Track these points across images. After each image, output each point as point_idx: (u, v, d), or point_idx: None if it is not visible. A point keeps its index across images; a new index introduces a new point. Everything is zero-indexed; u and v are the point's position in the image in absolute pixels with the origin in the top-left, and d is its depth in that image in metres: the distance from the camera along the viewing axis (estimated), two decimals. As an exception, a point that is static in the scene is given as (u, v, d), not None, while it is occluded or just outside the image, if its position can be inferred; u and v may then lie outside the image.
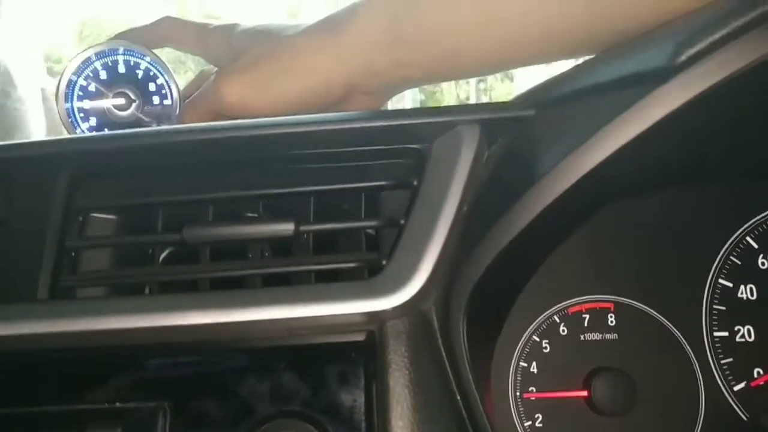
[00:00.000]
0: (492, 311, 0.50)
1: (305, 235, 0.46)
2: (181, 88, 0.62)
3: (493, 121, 0.43)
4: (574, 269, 0.54)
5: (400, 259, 0.41)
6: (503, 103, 0.45)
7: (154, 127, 0.55)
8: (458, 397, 0.42)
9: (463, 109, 0.43)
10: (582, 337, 0.54)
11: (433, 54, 0.48)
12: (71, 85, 0.59)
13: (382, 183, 0.46)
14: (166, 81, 0.60)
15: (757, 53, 0.32)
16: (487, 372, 0.50)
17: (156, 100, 0.60)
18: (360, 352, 0.42)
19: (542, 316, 0.54)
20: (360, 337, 0.42)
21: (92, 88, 0.59)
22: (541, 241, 0.49)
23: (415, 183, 0.44)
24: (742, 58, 0.32)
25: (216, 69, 0.60)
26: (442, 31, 0.47)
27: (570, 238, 0.53)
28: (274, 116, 0.47)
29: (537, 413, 0.53)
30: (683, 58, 0.33)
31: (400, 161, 0.46)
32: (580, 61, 0.45)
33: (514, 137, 0.44)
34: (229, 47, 0.57)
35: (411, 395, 0.40)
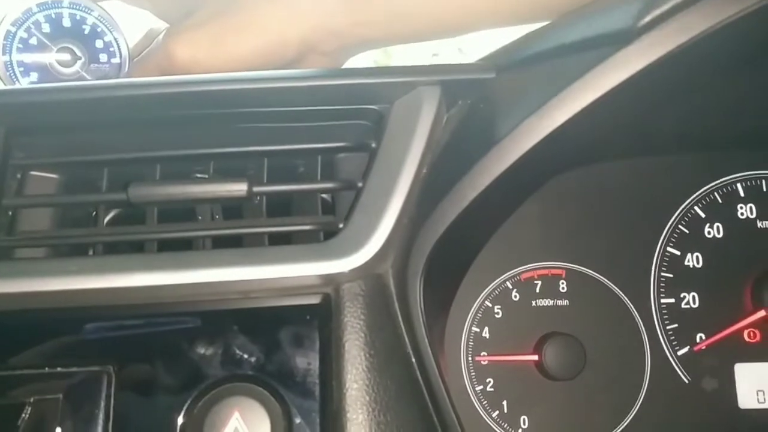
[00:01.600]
0: (447, 276, 0.50)
1: (258, 197, 0.45)
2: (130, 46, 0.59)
3: (454, 82, 0.42)
4: (527, 236, 0.55)
5: (358, 221, 0.40)
6: (464, 64, 0.44)
7: (98, 81, 0.51)
8: (413, 360, 0.42)
9: (423, 69, 0.42)
10: (534, 302, 0.54)
11: (390, 13, 0.47)
12: (9, 36, 0.55)
13: (340, 144, 0.44)
14: (115, 38, 0.57)
15: (718, 17, 0.32)
16: (441, 336, 0.51)
17: (103, 57, 0.57)
18: (315, 315, 0.41)
19: (495, 282, 0.54)
20: (315, 300, 0.41)
21: (34, 41, 0.55)
22: (497, 206, 0.49)
23: (374, 145, 0.43)
24: (705, 21, 0.32)
25: (166, 26, 0.57)
26: None
27: (524, 205, 0.54)
28: None
29: (488, 378, 0.53)
30: (647, 19, 0.32)
31: (358, 122, 0.45)
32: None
33: (475, 99, 0.43)
34: (180, 3, 0.55)
35: (366, 357, 0.40)
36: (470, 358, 0.53)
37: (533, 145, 0.38)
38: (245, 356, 0.41)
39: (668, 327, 0.54)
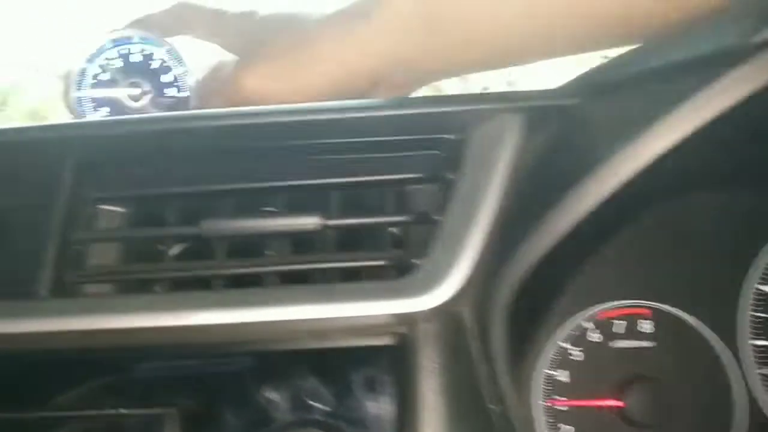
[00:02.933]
0: (528, 315, 0.47)
1: (329, 231, 0.43)
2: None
3: (536, 109, 0.40)
4: (610, 272, 0.51)
5: (436, 257, 0.38)
6: (545, 90, 0.42)
7: (169, 113, 0.52)
8: (492, 406, 0.39)
9: (502, 96, 0.41)
10: (616, 344, 0.51)
11: (463, 42, 0.46)
12: (83, 72, 0.56)
13: (415, 176, 0.43)
14: (182, 72, 0.58)
15: None
16: (519, 379, 0.48)
17: (171, 91, 0.58)
18: (389, 357, 0.39)
19: (573, 322, 0.51)
20: (389, 341, 0.39)
21: (105, 77, 0.57)
22: (586, 240, 0.46)
23: (451, 176, 0.41)
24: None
25: (234, 58, 0.57)
26: (476, 20, 0.45)
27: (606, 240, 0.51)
28: None
29: (568, 424, 0.50)
30: (764, 36, 0.30)
31: (432, 153, 0.43)
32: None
33: (558, 127, 0.41)
34: (249, 36, 0.55)
35: (443, 403, 0.37)
36: (547, 403, 0.50)
37: (631, 175, 0.35)
38: (313, 399, 0.39)
39: (760, 371, 0.50)
